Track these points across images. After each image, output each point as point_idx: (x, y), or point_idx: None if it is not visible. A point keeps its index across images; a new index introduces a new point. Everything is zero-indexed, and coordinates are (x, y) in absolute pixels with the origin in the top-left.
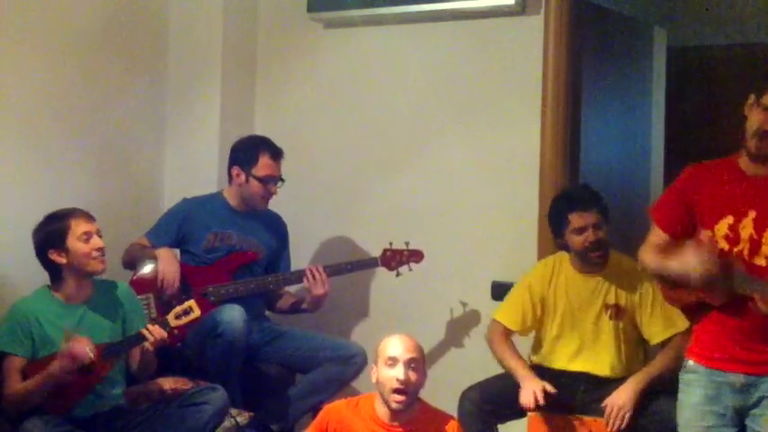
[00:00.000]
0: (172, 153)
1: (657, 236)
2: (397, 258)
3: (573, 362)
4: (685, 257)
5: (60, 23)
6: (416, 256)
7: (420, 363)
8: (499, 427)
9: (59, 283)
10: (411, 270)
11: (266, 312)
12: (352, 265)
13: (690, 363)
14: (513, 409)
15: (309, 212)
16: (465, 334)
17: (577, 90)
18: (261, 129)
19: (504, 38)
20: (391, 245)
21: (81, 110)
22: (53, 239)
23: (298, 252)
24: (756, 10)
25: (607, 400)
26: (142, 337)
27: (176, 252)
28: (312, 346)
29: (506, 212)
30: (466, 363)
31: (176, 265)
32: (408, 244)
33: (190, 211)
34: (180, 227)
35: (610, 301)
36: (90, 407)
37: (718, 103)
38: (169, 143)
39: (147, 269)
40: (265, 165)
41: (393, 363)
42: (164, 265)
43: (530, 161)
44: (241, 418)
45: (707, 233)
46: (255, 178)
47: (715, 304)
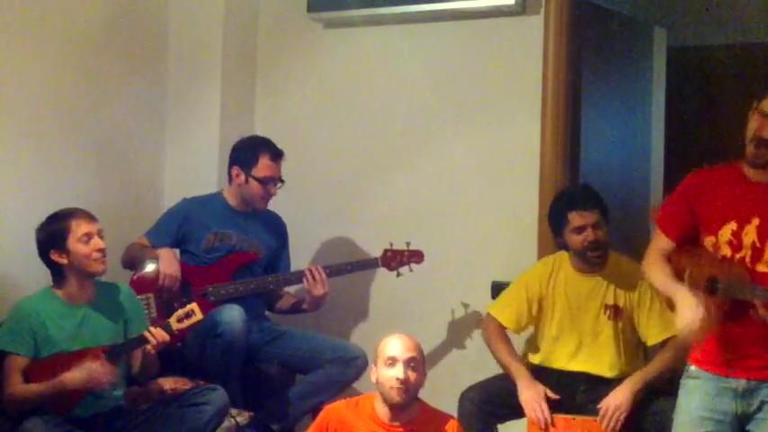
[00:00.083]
0: (172, 153)
1: (662, 242)
2: (397, 259)
3: (572, 362)
4: (681, 308)
5: (60, 24)
6: (417, 256)
7: (419, 362)
8: (499, 427)
9: (62, 283)
10: (412, 271)
11: (266, 312)
12: (352, 265)
13: (692, 368)
14: (513, 410)
15: (309, 212)
16: (465, 334)
17: (577, 90)
18: (261, 129)
19: (504, 38)
20: (392, 245)
21: (81, 110)
22: (54, 240)
23: (298, 252)
24: (756, 10)
25: (603, 400)
26: (144, 339)
27: (176, 252)
28: (312, 346)
29: (506, 212)
30: (466, 363)
31: (177, 266)
32: (409, 244)
33: (190, 211)
34: (180, 227)
35: (609, 301)
36: (90, 407)
37: (718, 103)
38: (169, 143)
39: (147, 269)
40: (265, 166)
41: (393, 362)
42: (165, 265)
43: (530, 161)
44: (241, 418)
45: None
46: (255, 179)
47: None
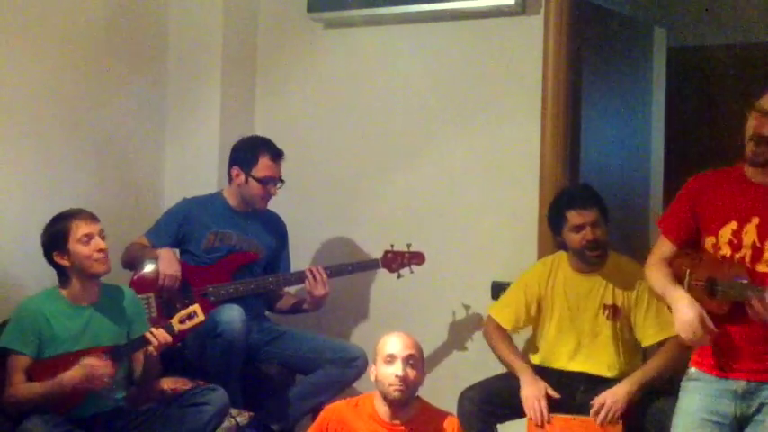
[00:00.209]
0: (172, 153)
1: (666, 247)
2: (398, 260)
3: (572, 361)
4: (680, 315)
5: (60, 24)
6: (418, 258)
7: (418, 360)
8: (499, 426)
9: (66, 283)
10: (412, 272)
11: (266, 312)
12: (353, 266)
13: (692, 370)
14: (513, 409)
15: (309, 212)
16: (465, 334)
17: (577, 90)
18: (261, 129)
19: (504, 38)
20: (392, 246)
21: (81, 110)
22: (55, 242)
23: (298, 252)
24: (756, 10)
25: (598, 396)
26: (146, 340)
27: (176, 252)
28: (313, 347)
29: (506, 212)
30: (466, 363)
31: (177, 266)
32: (410, 246)
33: (190, 211)
34: (180, 227)
35: (607, 301)
36: (90, 407)
37: (717, 103)
38: (169, 143)
39: (147, 269)
40: (265, 166)
41: (391, 360)
42: (165, 265)
43: (530, 161)
44: (241, 418)
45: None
46: (255, 179)
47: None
